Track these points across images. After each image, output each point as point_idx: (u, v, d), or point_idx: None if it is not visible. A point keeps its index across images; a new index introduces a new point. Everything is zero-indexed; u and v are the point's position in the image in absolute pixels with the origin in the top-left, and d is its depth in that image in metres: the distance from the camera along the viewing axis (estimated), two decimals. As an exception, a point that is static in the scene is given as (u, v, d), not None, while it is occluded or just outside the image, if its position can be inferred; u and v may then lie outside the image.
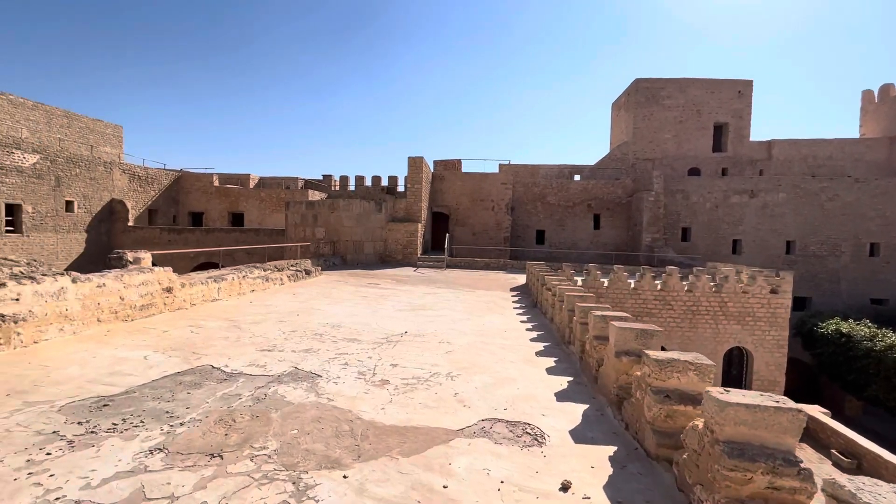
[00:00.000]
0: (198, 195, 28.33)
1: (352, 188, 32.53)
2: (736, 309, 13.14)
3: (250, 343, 5.76)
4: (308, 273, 12.47)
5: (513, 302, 10.47)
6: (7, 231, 18.38)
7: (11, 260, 5.31)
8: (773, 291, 13.18)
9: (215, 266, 23.14)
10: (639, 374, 3.39)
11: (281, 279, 10.97)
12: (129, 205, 23.35)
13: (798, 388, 17.37)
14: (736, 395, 2.35)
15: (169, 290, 7.17)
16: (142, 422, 3.32)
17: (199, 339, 5.79)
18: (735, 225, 23.98)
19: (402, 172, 30.55)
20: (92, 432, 3.12)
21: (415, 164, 18.69)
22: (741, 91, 27.65)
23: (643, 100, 27.96)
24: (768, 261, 22.81)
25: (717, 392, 2.39)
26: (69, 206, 20.94)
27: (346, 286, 11.72)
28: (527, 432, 3.43)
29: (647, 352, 3.24)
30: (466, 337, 6.63)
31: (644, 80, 28.00)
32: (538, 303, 9.85)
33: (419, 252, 18.20)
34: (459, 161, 26.92)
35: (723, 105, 27.68)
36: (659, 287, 13.40)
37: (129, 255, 7.03)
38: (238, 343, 5.73)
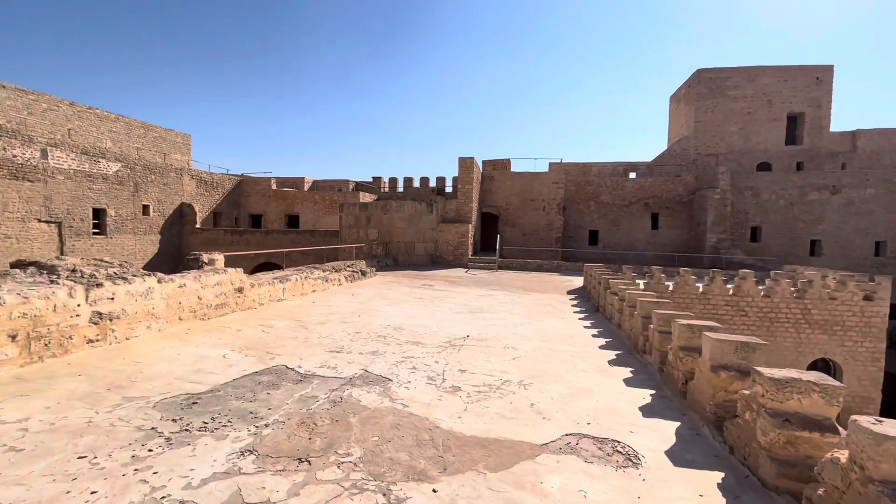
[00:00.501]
0: (257, 198, 29.80)
1: (400, 189, 32.99)
2: (822, 317, 11.96)
3: (318, 344, 5.86)
4: (363, 274, 12.69)
5: (572, 305, 10.10)
6: (94, 233, 20.13)
7: (106, 261, 5.70)
8: (866, 298, 11.87)
9: (275, 266, 24.22)
10: (747, 392, 3.06)
11: (339, 280, 11.22)
12: (196, 208, 24.94)
13: (894, 405, 15.61)
14: (893, 427, 2.02)
15: (240, 290, 7.47)
16: (229, 421, 3.41)
17: (271, 339, 5.97)
18: (813, 224, 21.98)
19: (449, 173, 30.58)
20: (186, 430, 3.23)
21: (465, 164, 18.60)
22: (819, 78, 25.32)
23: (706, 91, 26.30)
24: (853, 263, 20.72)
25: (869, 422, 2.06)
26: (145, 209, 22.65)
27: (401, 287, 11.80)
28: (617, 451, 3.19)
29: (759, 369, 2.91)
30: (531, 342, 6.42)
31: (707, 70, 26.33)
32: (600, 307, 9.43)
33: (470, 253, 18.08)
34: (508, 161, 26.54)
35: (797, 94, 25.48)
36: (731, 291, 12.46)
37: (205, 257, 7.40)
38: (307, 343, 5.84)
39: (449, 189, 31.38)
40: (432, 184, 32.45)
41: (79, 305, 4.87)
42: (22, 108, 20.37)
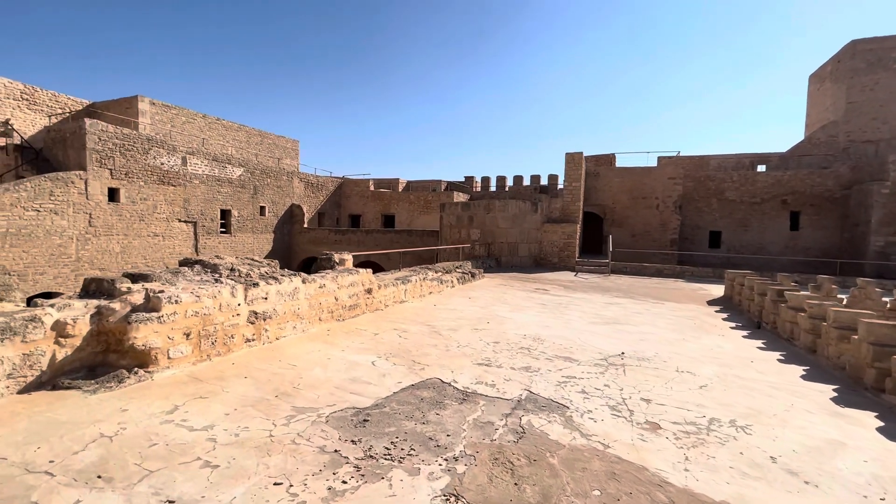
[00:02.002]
0: (356, 199, 31.10)
1: (493, 188, 32.39)
2: None
3: (461, 354, 5.39)
4: (473, 276, 12.24)
5: (723, 319, 8.66)
6: (221, 232, 22.25)
7: (256, 260, 5.77)
8: None
9: (375, 265, 24.87)
10: None
11: (451, 282, 10.87)
12: (304, 209, 26.59)
13: None
14: None
15: (369, 291, 7.34)
16: (412, 449, 2.98)
17: (411, 346, 5.64)
18: None
19: (544, 171, 29.29)
20: (371, 457, 2.85)
21: (573, 160, 17.41)
22: None
23: (862, 66, 22.06)
24: None
25: None
26: (262, 210, 24.60)
27: (516, 291, 11.14)
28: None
29: None
30: (706, 366, 5.37)
31: (865, 40, 22.08)
32: (766, 323, 7.92)
33: (577, 255, 16.88)
34: (613, 156, 24.65)
35: None
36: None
37: (336, 257, 7.37)
38: (449, 353, 5.41)
39: (544, 183, 30.11)
40: (526, 182, 31.41)
41: (239, 305, 4.88)
42: (167, 121, 23.19)
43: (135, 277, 4.52)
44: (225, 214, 22.55)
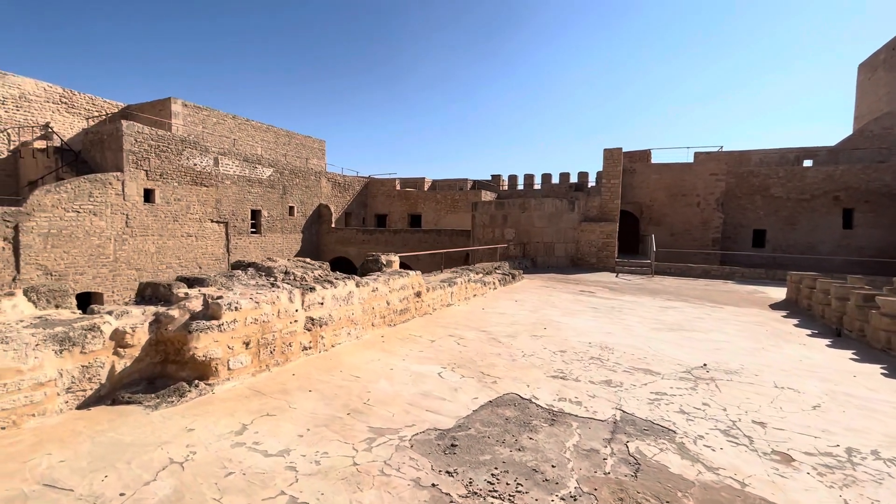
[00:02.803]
0: (382, 198, 30.95)
1: (520, 187, 31.80)
2: None
3: (529, 365, 4.97)
4: (513, 277, 11.79)
5: (795, 326, 7.98)
6: (251, 232, 22.34)
7: (308, 262, 5.47)
8: None
9: (404, 266, 24.56)
10: None
11: (493, 283, 10.44)
12: (332, 209, 26.55)
13: None
14: None
15: (418, 294, 6.98)
16: (519, 484, 2.58)
17: (474, 355, 5.24)
18: None
19: (574, 168, 28.53)
20: (475, 493, 2.46)
21: (611, 156, 16.74)
22: None
23: (922, 53, 20.63)
24: None
25: None
26: (291, 210, 24.63)
27: (560, 293, 10.64)
28: None
29: None
30: (806, 381, 4.80)
31: (924, 25, 20.60)
32: (848, 329, 7.23)
33: (616, 256, 16.21)
34: (649, 152, 23.74)
35: None
36: None
37: (383, 258, 7.04)
38: (515, 364, 4.99)
39: (573, 180, 29.34)
40: (555, 180, 30.72)
41: (297, 311, 4.57)
42: (198, 122, 23.42)
43: (190, 282, 4.25)
44: (255, 215, 22.64)
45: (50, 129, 19.47)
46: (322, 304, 4.92)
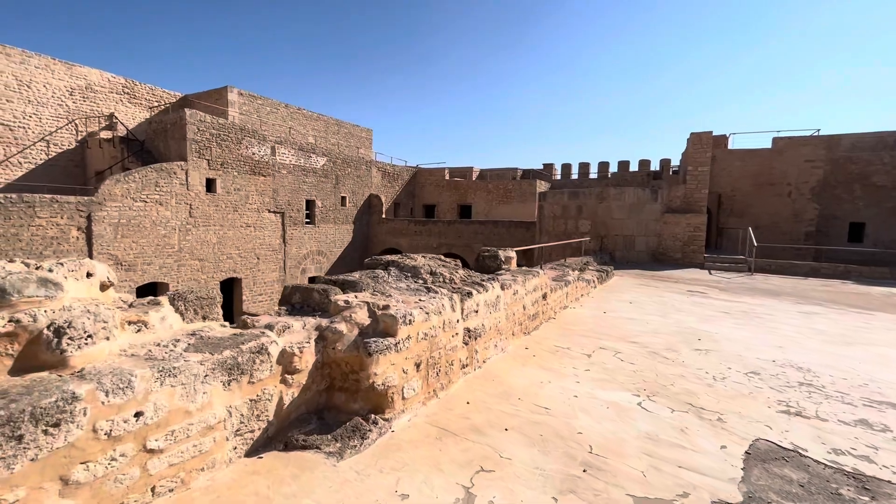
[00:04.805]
0: (431, 188, 30.16)
1: (574, 176, 30.29)
2: None
3: (734, 392, 3.96)
4: (607, 274, 10.70)
5: None
6: (305, 222, 22.02)
7: (443, 259, 4.63)
8: None
9: (458, 258, 23.80)
10: None
11: (594, 281, 9.40)
12: (382, 199, 25.97)
13: None
14: None
15: (545, 296, 6.06)
16: None
17: (650, 375, 4.28)
18: None
19: (635, 157, 26.77)
20: None
21: (699, 140, 15.20)
22: None
23: None
24: None
25: None
26: (343, 200, 24.20)
27: (667, 292, 9.49)
28: None
29: None
30: None
31: None
32: None
33: (704, 251, 14.77)
34: (726, 137, 21.82)
35: None
36: None
37: (502, 254, 6.14)
38: (716, 391, 3.99)
39: (632, 169, 27.60)
40: (613, 169, 29.07)
41: (458, 321, 3.74)
42: (253, 111, 23.22)
43: (341, 284, 3.48)
44: (309, 205, 22.31)
45: (115, 120, 19.62)
46: (477, 311, 4.07)
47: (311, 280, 22.61)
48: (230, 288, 18.81)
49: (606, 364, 4.56)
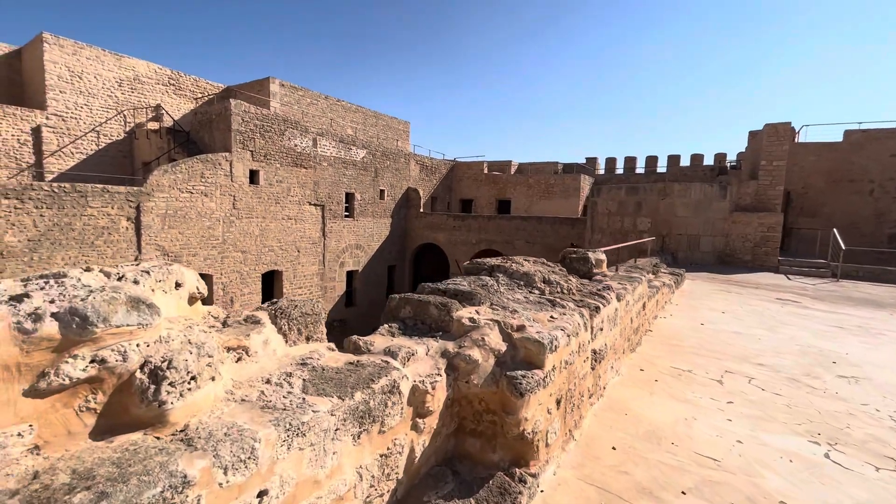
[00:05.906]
0: (468, 182, 29.43)
1: (619, 171, 28.93)
2: None
3: (932, 440, 3.13)
4: (681, 277, 9.77)
5: None
6: (345, 216, 21.73)
7: (548, 263, 3.95)
8: None
9: (495, 253, 23.14)
10: None
11: (671, 286, 8.52)
12: (420, 192, 25.44)
13: None
14: None
15: (644, 305, 5.30)
16: None
17: (808, 410, 3.49)
18: None
19: (686, 151, 25.23)
20: None
21: (776, 132, 13.88)
22: None
23: None
24: None
25: None
26: (381, 194, 23.79)
27: (754, 300, 8.51)
28: None
29: None
30: None
31: None
32: None
33: (778, 253, 13.51)
34: (790, 127, 20.11)
35: None
36: None
37: (592, 257, 5.40)
38: (882, 425, 3.18)
39: (683, 164, 26.06)
40: (661, 163, 27.59)
41: (589, 342, 3.06)
42: (294, 102, 23.04)
43: (453, 294, 2.85)
44: (349, 198, 22.00)
45: (161, 111, 19.76)
46: (602, 329, 3.38)
47: (349, 275, 22.36)
48: (270, 281, 18.72)
49: (747, 394, 3.79)
